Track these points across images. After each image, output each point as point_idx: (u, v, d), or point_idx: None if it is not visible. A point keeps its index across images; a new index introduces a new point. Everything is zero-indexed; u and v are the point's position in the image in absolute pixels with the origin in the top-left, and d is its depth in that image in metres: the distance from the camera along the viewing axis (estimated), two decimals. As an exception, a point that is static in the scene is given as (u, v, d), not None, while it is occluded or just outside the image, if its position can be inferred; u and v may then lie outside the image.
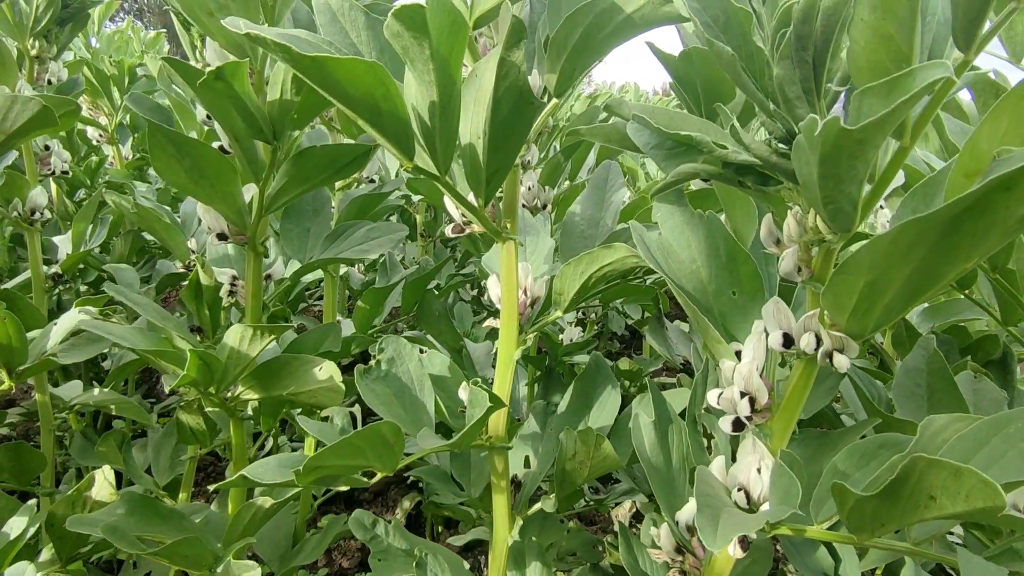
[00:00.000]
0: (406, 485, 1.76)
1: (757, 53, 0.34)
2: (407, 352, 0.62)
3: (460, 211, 0.59)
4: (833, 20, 0.29)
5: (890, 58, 0.29)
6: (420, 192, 0.99)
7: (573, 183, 1.06)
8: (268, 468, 0.49)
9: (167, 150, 0.61)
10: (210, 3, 0.60)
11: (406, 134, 0.43)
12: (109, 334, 0.56)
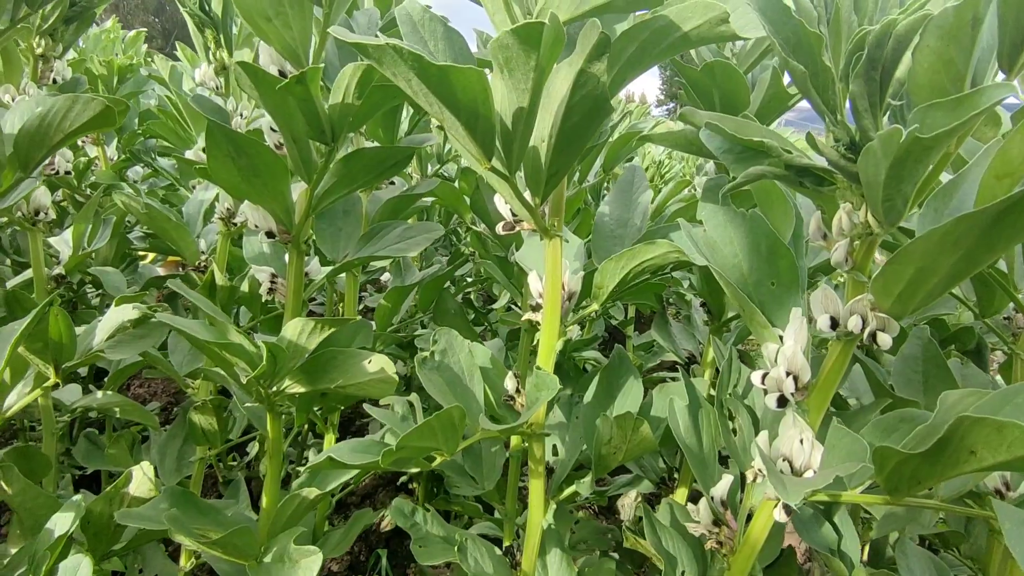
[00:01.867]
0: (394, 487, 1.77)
1: (823, 71, 0.39)
2: (458, 344, 0.65)
3: (511, 209, 0.63)
4: (903, 45, 0.34)
5: (949, 79, 0.34)
6: (435, 195, 1.02)
7: (580, 185, 1.11)
8: (344, 452, 0.52)
9: (225, 149, 0.63)
10: (268, 9, 0.63)
11: (492, 137, 0.47)
12: (184, 328, 0.58)
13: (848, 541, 0.79)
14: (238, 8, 0.63)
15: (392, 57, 0.43)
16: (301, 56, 0.66)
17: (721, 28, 0.49)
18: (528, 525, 0.77)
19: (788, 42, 0.39)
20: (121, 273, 1.43)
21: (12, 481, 0.70)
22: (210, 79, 1.09)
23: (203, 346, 0.64)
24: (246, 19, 0.63)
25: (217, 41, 1.06)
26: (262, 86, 0.57)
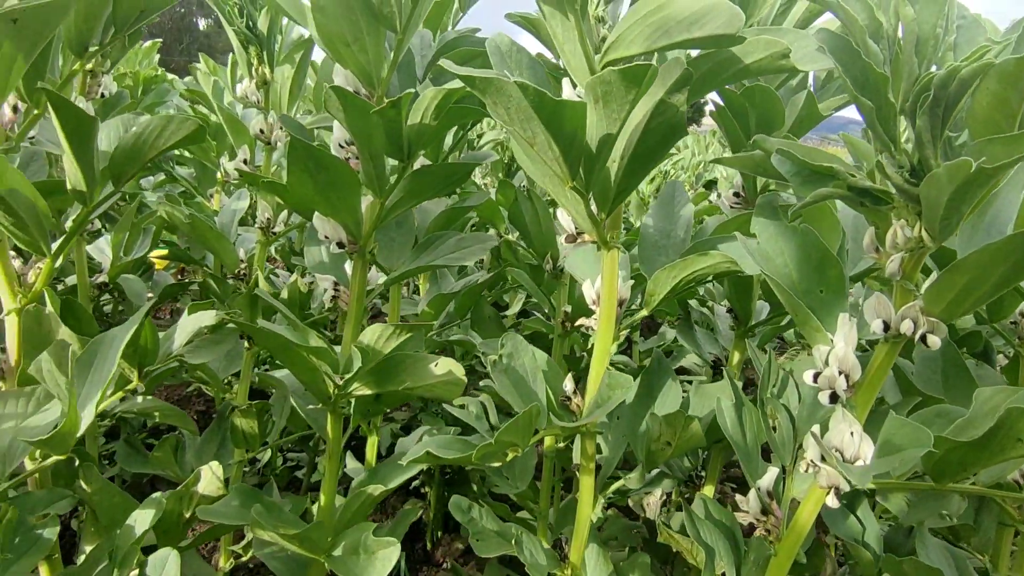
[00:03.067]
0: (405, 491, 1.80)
1: (887, 106, 0.44)
2: (522, 348, 0.70)
3: (573, 223, 0.68)
4: (965, 87, 0.40)
5: (1003, 116, 0.40)
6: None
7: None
8: (438, 447, 0.56)
9: (305, 165, 0.67)
10: (348, 35, 0.67)
11: (579, 159, 0.52)
12: (280, 333, 0.62)
13: (871, 532, 0.85)
14: (320, 35, 0.67)
15: (497, 87, 0.48)
16: (374, 78, 0.71)
17: (781, 62, 0.54)
18: (577, 519, 0.82)
19: (856, 81, 0.44)
20: (141, 280, 1.46)
21: (91, 480, 0.73)
22: (251, 93, 1.13)
23: (286, 349, 0.68)
24: (327, 45, 0.68)
25: (260, 57, 1.10)
26: (350, 108, 0.62)
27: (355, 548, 0.70)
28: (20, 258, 0.72)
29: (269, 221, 1.16)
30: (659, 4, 0.51)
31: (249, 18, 1.06)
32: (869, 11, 0.44)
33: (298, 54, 1.11)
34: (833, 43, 0.45)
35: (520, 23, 1.00)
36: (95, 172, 0.64)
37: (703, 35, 0.48)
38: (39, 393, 0.63)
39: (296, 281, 1.12)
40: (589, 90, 0.48)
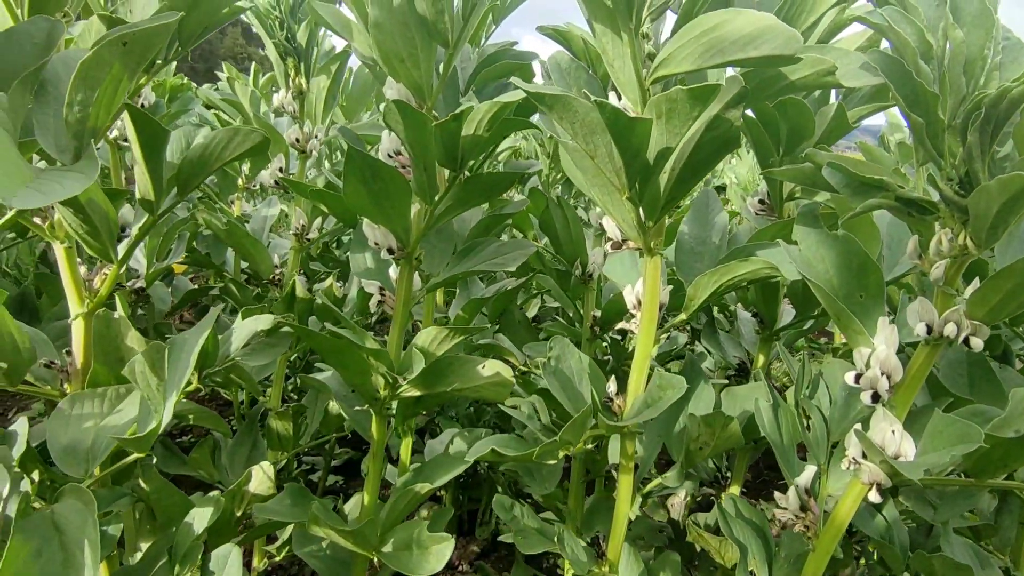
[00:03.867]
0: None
1: (937, 122, 0.47)
2: (569, 351, 0.73)
3: (619, 230, 0.71)
4: (1014, 106, 0.43)
5: (1050, 133, 0.43)
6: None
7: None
8: (500, 446, 0.59)
9: (362, 174, 0.70)
10: (403, 51, 0.70)
11: (639, 172, 0.55)
12: (343, 335, 0.64)
13: (897, 530, 0.87)
14: (378, 51, 0.70)
15: (565, 104, 0.51)
16: (424, 91, 0.74)
17: (827, 79, 0.57)
18: (615, 517, 0.84)
19: (908, 98, 0.47)
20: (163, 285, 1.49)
21: (150, 479, 0.76)
22: (288, 104, 1.16)
23: (340, 352, 0.70)
24: (383, 60, 0.71)
25: (297, 68, 1.13)
26: (409, 120, 0.65)
27: (407, 544, 0.73)
28: (84, 264, 0.75)
29: (303, 228, 1.19)
30: (713, 25, 0.54)
31: (289, 31, 1.09)
32: (920, 34, 0.47)
33: (334, 65, 1.14)
34: (885, 64, 0.48)
35: (552, 35, 1.03)
36: (163, 182, 0.67)
37: (759, 55, 0.51)
38: (110, 394, 0.65)
39: (331, 286, 1.14)
40: (653, 106, 0.51)
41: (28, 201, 0.33)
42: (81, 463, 0.57)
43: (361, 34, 0.88)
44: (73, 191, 0.36)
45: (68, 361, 0.73)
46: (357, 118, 1.33)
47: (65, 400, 0.61)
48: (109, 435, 0.58)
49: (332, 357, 0.75)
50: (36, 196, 0.34)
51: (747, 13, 0.52)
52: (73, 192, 0.36)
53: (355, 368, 0.76)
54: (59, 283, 1.04)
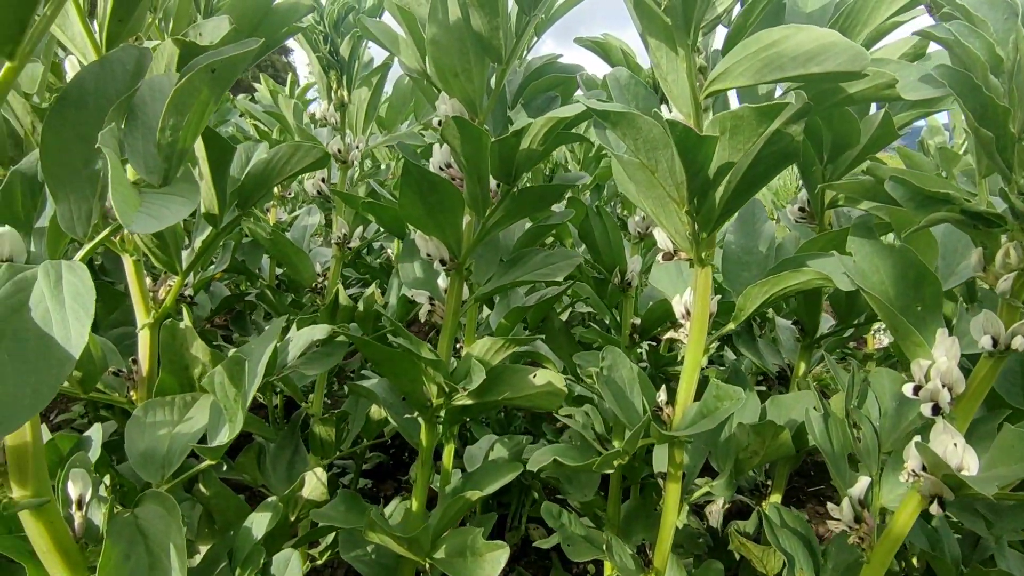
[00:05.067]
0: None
1: (1007, 136, 0.48)
2: (621, 360, 0.73)
3: (671, 241, 0.72)
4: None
5: None
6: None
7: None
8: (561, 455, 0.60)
9: (418, 187, 0.72)
10: (457, 66, 0.72)
11: (700, 186, 0.56)
12: (401, 344, 0.66)
13: (948, 541, 0.87)
14: (433, 66, 0.72)
15: (629, 120, 0.52)
16: (476, 105, 0.76)
17: (886, 91, 0.58)
18: (662, 525, 0.84)
19: (976, 112, 0.48)
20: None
21: (210, 484, 0.78)
22: (330, 115, 1.19)
23: (394, 360, 0.72)
24: (438, 75, 0.73)
25: (339, 81, 1.16)
26: (466, 135, 0.66)
27: (460, 550, 0.74)
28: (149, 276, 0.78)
29: (345, 236, 1.21)
30: (772, 41, 0.55)
31: (332, 45, 1.11)
32: (990, 48, 0.47)
33: (375, 78, 1.17)
34: (952, 77, 0.48)
35: (591, 47, 1.04)
36: (227, 196, 0.69)
37: (821, 71, 0.52)
38: (179, 402, 0.68)
39: (373, 293, 1.17)
40: (718, 123, 0.51)
41: (146, 227, 0.35)
42: (157, 469, 0.60)
43: (409, 48, 0.90)
44: (181, 215, 0.38)
45: (135, 369, 0.76)
46: (395, 129, 1.35)
47: (140, 408, 0.63)
48: (183, 442, 0.60)
49: (385, 366, 0.77)
50: (151, 221, 0.36)
51: (808, 29, 0.53)
52: (182, 216, 0.38)
53: (408, 377, 0.77)
54: (114, 292, 1.07)
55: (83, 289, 0.44)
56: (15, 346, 0.41)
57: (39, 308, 0.43)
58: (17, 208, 0.53)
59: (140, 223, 0.35)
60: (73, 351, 0.41)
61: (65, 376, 0.41)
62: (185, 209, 0.39)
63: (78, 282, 0.44)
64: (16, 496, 0.51)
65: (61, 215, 0.50)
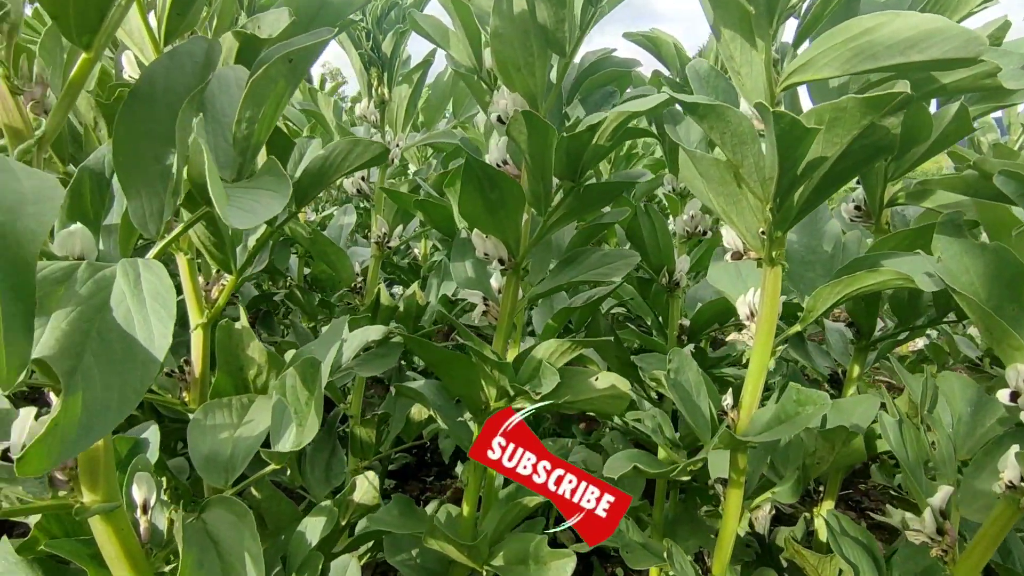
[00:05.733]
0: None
1: None
2: (687, 363, 0.71)
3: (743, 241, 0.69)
4: None
5: None
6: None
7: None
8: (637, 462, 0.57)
9: (479, 184, 0.70)
10: (520, 60, 0.70)
11: (790, 181, 0.53)
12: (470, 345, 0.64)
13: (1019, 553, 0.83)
14: (496, 60, 0.70)
15: (719, 113, 0.49)
16: (538, 100, 0.73)
17: (985, 81, 0.55)
18: (723, 532, 0.82)
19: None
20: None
21: (262, 487, 0.76)
22: (370, 113, 1.17)
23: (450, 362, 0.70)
24: (500, 69, 0.70)
25: (380, 79, 1.14)
26: (534, 130, 0.64)
27: (522, 557, 0.72)
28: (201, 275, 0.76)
29: (385, 236, 1.19)
30: (864, 29, 0.52)
31: (374, 42, 1.10)
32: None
33: (416, 75, 1.15)
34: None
35: (640, 42, 1.01)
36: (284, 194, 0.68)
37: (923, 59, 0.49)
38: (236, 404, 0.66)
39: (415, 293, 1.15)
40: (814, 115, 0.49)
41: (244, 222, 0.33)
42: (221, 473, 0.58)
43: (460, 42, 0.88)
44: (274, 209, 0.36)
45: (187, 370, 0.74)
46: (433, 127, 1.33)
47: (200, 410, 0.62)
48: (247, 446, 0.58)
49: (442, 367, 0.75)
50: (245, 216, 0.34)
51: (908, 15, 0.50)
52: (275, 210, 0.36)
53: (465, 379, 0.75)
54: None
55: (162, 288, 0.42)
56: (100, 347, 0.39)
57: (120, 308, 0.41)
58: (86, 205, 0.51)
59: (239, 219, 0.33)
60: (157, 353, 0.40)
61: (151, 379, 0.40)
62: (276, 203, 0.37)
63: (157, 281, 0.43)
64: (87, 501, 0.49)
65: (133, 212, 0.49)
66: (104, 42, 0.44)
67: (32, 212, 0.35)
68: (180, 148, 0.48)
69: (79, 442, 0.35)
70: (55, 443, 0.34)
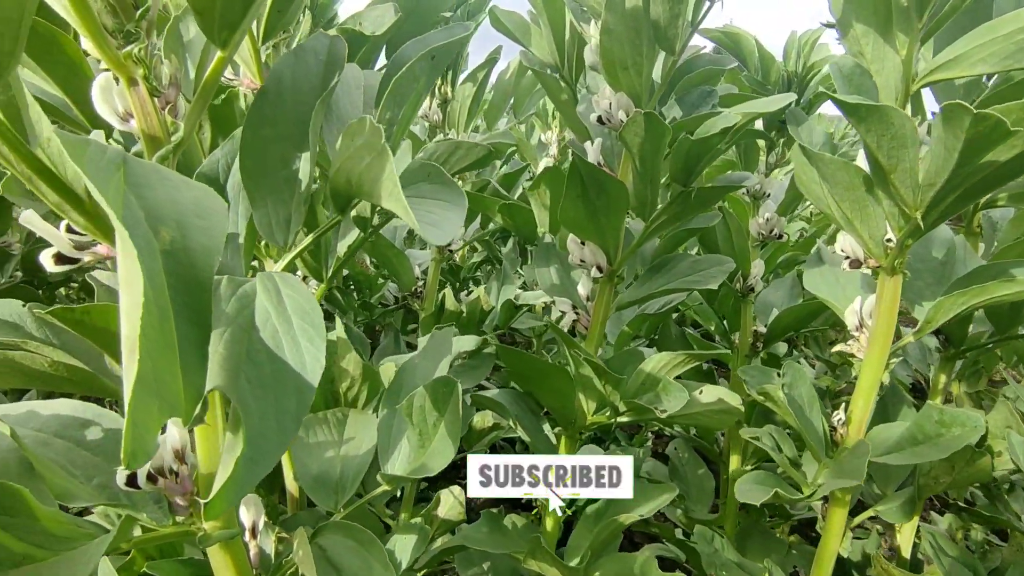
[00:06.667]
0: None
1: None
2: (800, 377, 0.67)
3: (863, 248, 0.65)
4: None
5: None
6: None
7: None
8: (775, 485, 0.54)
9: (584, 188, 0.66)
10: (628, 59, 0.67)
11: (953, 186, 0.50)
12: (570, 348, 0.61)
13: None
14: (603, 58, 0.66)
15: (881, 115, 0.46)
16: (643, 99, 0.70)
17: None
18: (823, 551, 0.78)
19: None
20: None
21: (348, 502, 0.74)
22: (432, 112, 1.14)
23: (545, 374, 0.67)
24: (607, 68, 0.67)
25: (444, 77, 1.11)
26: (652, 131, 0.61)
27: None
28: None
29: (445, 239, 1.16)
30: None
31: (440, 38, 1.06)
32: None
33: (480, 73, 1.11)
34: None
35: (717, 38, 0.97)
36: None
37: (1109, 55, 0.45)
38: (331, 419, 0.63)
39: (479, 298, 1.12)
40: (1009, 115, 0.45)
41: (438, 237, 0.30)
42: (331, 494, 0.55)
43: (543, 39, 0.85)
44: (457, 224, 0.33)
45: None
46: (494, 128, 1.30)
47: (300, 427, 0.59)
48: (356, 466, 0.55)
49: (535, 379, 0.72)
50: (439, 232, 0.31)
51: (1088, 8, 0.46)
52: (459, 225, 0.33)
53: (558, 390, 0.72)
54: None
55: (307, 305, 0.39)
56: (253, 372, 0.36)
57: (267, 328, 0.38)
58: (203, 213, 0.48)
59: (431, 234, 0.30)
60: (311, 378, 0.37)
61: (307, 407, 0.36)
62: (456, 216, 0.34)
63: (300, 297, 0.40)
64: (208, 527, 0.46)
65: (259, 221, 0.46)
66: (239, 40, 0.41)
67: (201, 226, 0.32)
68: (312, 152, 0.45)
69: (247, 478, 0.32)
70: (231, 482, 0.31)
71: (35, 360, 0.52)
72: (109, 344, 0.54)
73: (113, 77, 0.40)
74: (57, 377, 0.54)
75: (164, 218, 0.31)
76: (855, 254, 0.67)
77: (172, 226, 0.31)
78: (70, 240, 0.39)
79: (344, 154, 0.38)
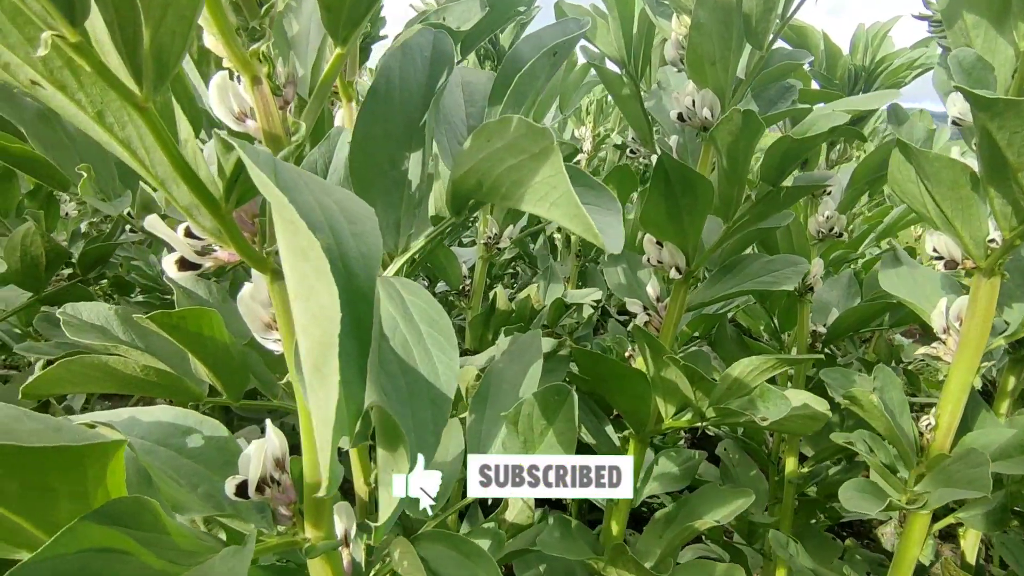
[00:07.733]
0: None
1: None
2: (892, 382, 0.65)
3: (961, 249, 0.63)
4: None
5: None
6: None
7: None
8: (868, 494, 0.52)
9: (670, 187, 0.64)
10: (716, 54, 0.64)
11: None
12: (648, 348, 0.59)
13: None
14: (690, 53, 0.64)
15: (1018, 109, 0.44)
16: (727, 96, 0.68)
17: None
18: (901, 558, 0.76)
19: None
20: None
21: (420, 507, 0.72)
22: (482, 108, 1.12)
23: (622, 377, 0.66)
24: (693, 64, 0.65)
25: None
26: (748, 128, 0.59)
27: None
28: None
29: (495, 236, 1.15)
30: None
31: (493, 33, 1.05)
32: None
33: (532, 68, 1.09)
34: None
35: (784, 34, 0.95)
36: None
37: None
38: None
39: (529, 296, 1.10)
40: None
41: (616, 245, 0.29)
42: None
43: (610, 33, 0.83)
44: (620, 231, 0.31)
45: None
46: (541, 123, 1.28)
47: (388, 432, 0.58)
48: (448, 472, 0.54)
49: (611, 382, 0.70)
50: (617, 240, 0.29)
51: None
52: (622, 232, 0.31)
53: (633, 394, 0.71)
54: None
55: (435, 314, 0.38)
56: (388, 383, 0.35)
57: (396, 336, 0.37)
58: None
59: (611, 241, 0.29)
60: (446, 390, 0.35)
61: (445, 418, 0.35)
62: (618, 220, 0.32)
63: (426, 305, 0.38)
64: (312, 537, 0.45)
65: (368, 224, 0.44)
66: (357, 37, 0.40)
67: (355, 232, 0.30)
68: (426, 152, 0.44)
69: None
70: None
71: (127, 365, 0.51)
72: (199, 349, 0.53)
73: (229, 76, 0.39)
74: (148, 382, 0.53)
75: (317, 224, 0.29)
76: (951, 255, 0.65)
77: (326, 232, 0.29)
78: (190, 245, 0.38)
79: (477, 155, 0.37)
